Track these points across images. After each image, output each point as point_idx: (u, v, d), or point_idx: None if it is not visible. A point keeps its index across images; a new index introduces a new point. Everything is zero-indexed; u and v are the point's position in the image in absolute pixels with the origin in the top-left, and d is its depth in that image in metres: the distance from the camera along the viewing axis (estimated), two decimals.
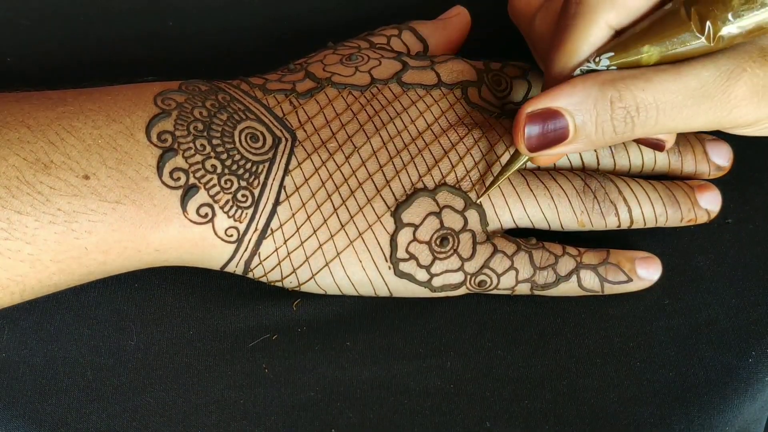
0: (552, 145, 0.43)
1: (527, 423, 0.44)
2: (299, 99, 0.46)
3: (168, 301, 0.47)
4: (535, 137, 0.42)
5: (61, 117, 0.41)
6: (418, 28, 0.51)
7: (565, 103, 0.42)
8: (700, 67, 0.40)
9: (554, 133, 0.42)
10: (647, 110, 0.41)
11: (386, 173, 0.45)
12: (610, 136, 0.42)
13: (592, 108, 0.41)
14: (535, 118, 0.42)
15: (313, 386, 0.45)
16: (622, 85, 0.41)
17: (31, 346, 0.45)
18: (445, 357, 0.46)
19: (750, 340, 0.46)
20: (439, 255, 0.45)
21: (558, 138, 0.42)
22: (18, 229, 0.39)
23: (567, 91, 0.42)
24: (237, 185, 0.43)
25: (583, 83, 0.41)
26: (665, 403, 0.44)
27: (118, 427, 0.44)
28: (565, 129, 0.42)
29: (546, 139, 0.42)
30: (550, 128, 0.42)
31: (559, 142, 0.42)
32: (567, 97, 0.42)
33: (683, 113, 0.41)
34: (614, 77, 0.41)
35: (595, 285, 0.46)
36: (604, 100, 0.41)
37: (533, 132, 0.42)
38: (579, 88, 0.41)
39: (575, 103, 0.41)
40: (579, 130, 0.42)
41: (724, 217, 0.49)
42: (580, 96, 0.41)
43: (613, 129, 0.42)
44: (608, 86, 0.41)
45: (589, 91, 0.41)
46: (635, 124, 0.41)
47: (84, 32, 0.55)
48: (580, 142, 0.42)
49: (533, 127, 0.42)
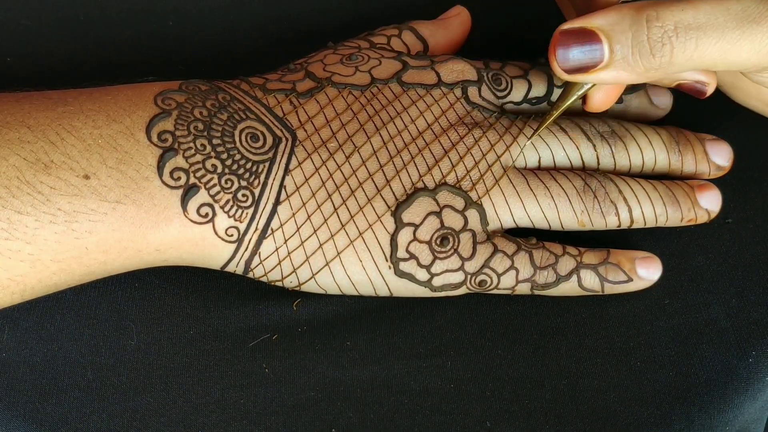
0: (588, 69, 0.42)
1: (527, 423, 0.44)
2: (299, 99, 0.46)
3: (168, 301, 0.47)
4: (570, 58, 0.42)
5: (62, 117, 0.41)
6: (418, 27, 0.51)
7: (599, 23, 0.41)
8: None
9: (590, 55, 0.42)
10: (686, 31, 0.40)
11: (386, 173, 0.45)
12: (647, 60, 0.41)
13: (627, 28, 0.41)
14: (570, 37, 0.42)
15: (314, 386, 0.45)
16: (662, 5, 0.40)
17: (31, 346, 0.45)
18: (445, 357, 0.46)
19: (750, 340, 0.46)
20: (440, 255, 0.45)
21: (594, 61, 0.42)
22: (18, 229, 0.39)
23: (603, 12, 0.41)
24: (237, 185, 0.43)
25: (620, 7, 0.41)
26: (665, 402, 0.44)
27: (118, 427, 0.44)
28: (600, 50, 0.42)
29: (581, 61, 0.42)
30: (585, 49, 0.42)
31: (595, 65, 0.42)
32: (602, 18, 0.41)
33: (725, 37, 0.40)
34: (654, 2, 0.41)
35: (596, 285, 0.46)
36: (641, 19, 0.41)
37: (567, 52, 0.42)
38: (615, 10, 0.41)
39: (610, 23, 0.41)
40: (615, 53, 0.42)
41: (724, 217, 0.49)
42: (615, 17, 0.41)
43: (650, 50, 0.41)
44: (647, 7, 0.41)
45: (626, 12, 0.41)
46: (674, 46, 0.41)
47: (84, 32, 0.55)
48: (617, 67, 0.42)
49: (567, 47, 0.42)
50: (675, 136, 0.49)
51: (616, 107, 0.50)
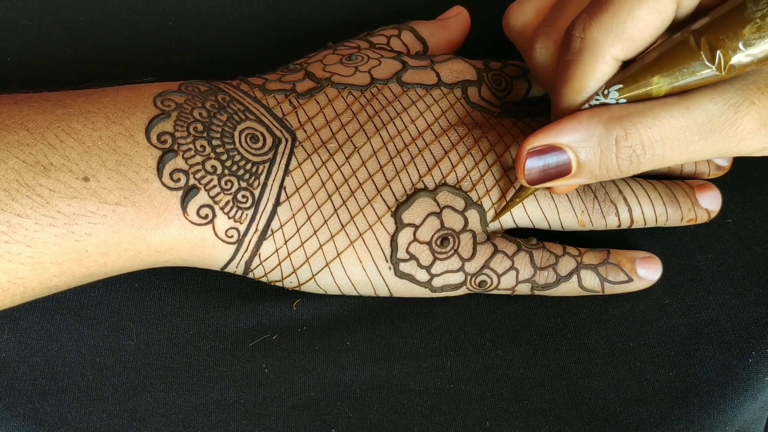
0: (554, 179, 0.42)
1: (527, 423, 0.44)
2: (299, 99, 0.46)
3: (168, 301, 0.47)
4: (537, 172, 0.42)
5: (61, 119, 0.41)
6: (417, 28, 0.51)
7: (568, 140, 0.41)
8: (707, 101, 0.40)
9: (556, 169, 0.42)
10: (654, 148, 0.40)
11: (386, 173, 0.45)
12: (614, 173, 0.42)
13: (596, 146, 0.41)
14: (538, 153, 0.42)
15: (313, 386, 0.45)
16: (629, 122, 0.40)
17: (31, 346, 0.45)
18: (445, 357, 0.46)
19: (750, 340, 0.46)
20: (440, 255, 0.45)
21: (560, 173, 0.42)
22: (18, 232, 0.39)
23: (571, 127, 0.41)
24: (237, 186, 0.43)
25: (588, 120, 0.41)
26: (665, 402, 0.44)
27: (118, 427, 0.44)
28: (568, 165, 0.42)
29: (548, 174, 0.42)
30: (552, 163, 0.42)
31: (562, 176, 0.42)
32: (570, 134, 0.41)
33: (690, 148, 0.40)
34: (621, 113, 0.40)
35: (596, 285, 0.46)
36: (609, 138, 0.41)
37: (535, 166, 0.42)
38: (584, 125, 0.41)
39: (579, 141, 0.41)
40: (582, 167, 0.42)
41: (724, 217, 0.49)
42: (584, 133, 0.41)
43: (617, 167, 0.41)
44: (614, 124, 0.40)
45: (594, 129, 0.41)
46: (641, 162, 0.41)
47: (84, 33, 0.55)
48: (583, 177, 0.42)
49: (535, 161, 0.42)
50: None
51: None
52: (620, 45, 0.40)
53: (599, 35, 0.40)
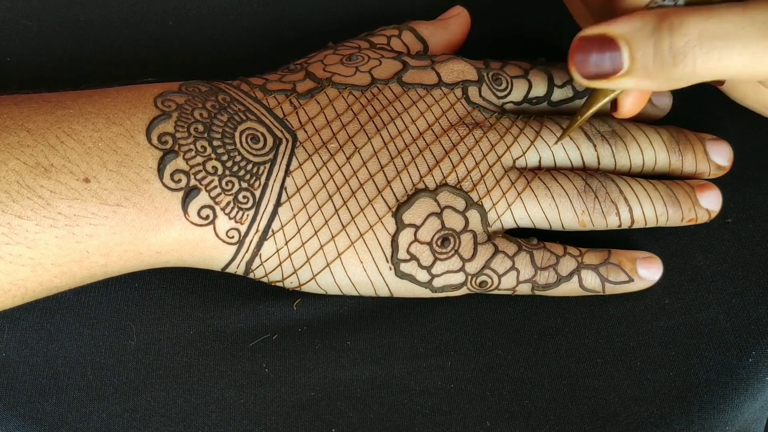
0: (608, 76, 0.41)
1: (527, 423, 0.44)
2: (300, 99, 0.46)
3: (168, 301, 0.47)
4: (590, 63, 0.41)
5: (61, 120, 0.41)
6: (417, 28, 0.51)
7: (620, 30, 0.40)
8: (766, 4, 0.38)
9: (610, 62, 0.41)
10: (711, 41, 0.39)
11: (387, 173, 0.45)
12: (669, 70, 0.40)
13: (649, 36, 0.40)
14: (589, 43, 0.41)
15: (314, 386, 0.45)
16: (686, 14, 0.39)
17: (31, 346, 0.45)
18: (445, 357, 0.46)
19: (750, 340, 0.46)
20: (440, 256, 0.45)
21: (614, 68, 0.41)
22: (19, 234, 0.39)
23: (624, 19, 0.40)
24: (238, 186, 0.43)
25: (644, 14, 0.40)
26: (665, 402, 0.44)
27: (118, 426, 0.44)
28: (620, 58, 0.40)
29: (601, 68, 0.41)
30: (605, 56, 0.40)
31: (615, 72, 0.41)
32: (623, 25, 0.40)
33: (749, 48, 0.38)
34: (677, 10, 0.39)
35: (596, 285, 0.46)
36: (663, 27, 0.39)
37: (587, 58, 0.41)
38: (638, 17, 0.40)
39: (632, 31, 0.40)
40: (636, 61, 0.40)
41: (724, 217, 0.49)
42: (637, 24, 0.40)
43: (672, 60, 0.39)
44: (670, 15, 0.39)
45: (648, 19, 0.40)
46: (697, 56, 0.39)
47: (84, 32, 0.55)
48: (638, 75, 0.41)
49: (586, 54, 0.41)
50: (675, 135, 0.49)
51: None
52: None
53: None
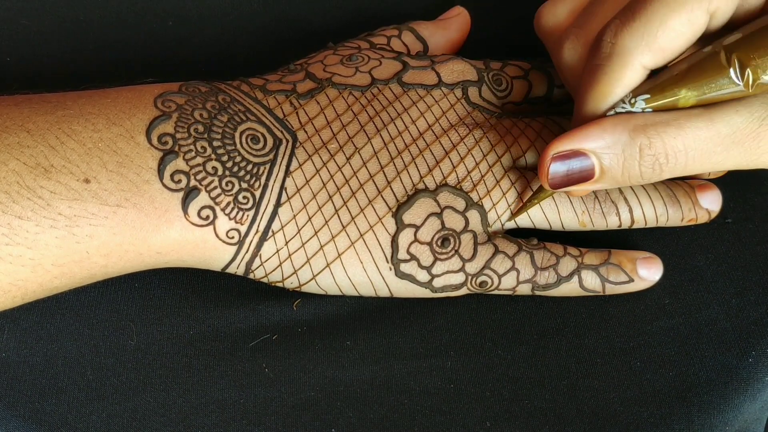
0: (576, 183, 0.43)
1: (527, 423, 0.44)
2: (300, 100, 0.46)
3: (168, 301, 0.47)
4: (560, 176, 0.42)
5: (61, 120, 0.41)
6: (418, 28, 0.51)
7: (593, 146, 0.42)
8: (732, 113, 0.40)
9: (579, 174, 0.42)
10: (677, 157, 0.41)
11: (387, 174, 0.45)
12: (636, 180, 0.42)
13: (620, 153, 0.41)
14: (561, 158, 0.42)
15: (314, 386, 0.45)
16: (653, 132, 0.41)
17: (31, 346, 0.45)
18: (445, 357, 0.46)
19: (750, 340, 0.46)
20: (440, 256, 0.45)
21: (583, 177, 0.42)
22: (19, 234, 0.39)
23: (596, 133, 0.41)
24: (238, 187, 0.43)
25: (614, 127, 0.41)
26: (665, 402, 0.44)
27: (118, 426, 0.44)
28: (591, 170, 0.42)
29: (570, 179, 0.42)
30: (575, 168, 0.42)
31: (584, 181, 0.42)
32: (596, 140, 0.41)
33: (712, 159, 0.41)
34: (646, 122, 0.41)
35: (597, 285, 0.46)
36: (633, 146, 0.41)
37: (558, 171, 0.42)
38: (609, 132, 0.41)
39: (603, 147, 0.41)
40: (605, 173, 0.42)
41: (724, 217, 0.49)
42: (609, 140, 0.41)
43: (639, 174, 0.42)
44: (639, 133, 0.41)
45: (619, 136, 0.41)
46: (663, 170, 0.41)
47: (84, 33, 0.55)
48: (605, 183, 0.43)
49: (559, 166, 0.42)
50: None
51: None
52: (650, 54, 0.40)
53: (630, 42, 0.40)
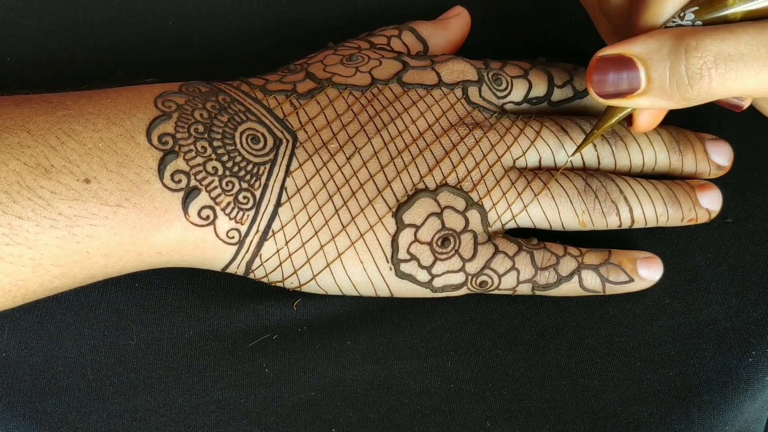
0: (625, 95, 0.42)
1: (527, 422, 0.44)
2: (300, 100, 0.46)
3: (168, 301, 0.47)
4: (607, 83, 0.42)
5: (61, 121, 0.41)
6: (418, 28, 0.51)
7: (638, 51, 0.41)
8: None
9: (627, 82, 0.41)
10: (726, 62, 0.40)
11: (387, 174, 0.45)
12: (685, 90, 0.41)
13: (665, 57, 0.40)
14: (606, 63, 0.42)
15: (314, 386, 0.45)
16: (702, 34, 0.40)
17: (31, 346, 0.45)
18: (445, 357, 0.46)
19: (750, 340, 0.46)
20: (441, 256, 0.45)
21: (630, 88, 0.42)
22: (19, 234, 0.39)
23: (642, 39, 0.41)
24: (238, 187, 0.43)
25: (661, 34, 0.41)
26: (665, 402, 0.44)
27: (118, 426, 0.44)
28: (637, 78, 0.41)
29: (618, 87, 0.42)
30: (621, 75, 0.41)
31: (632, 92, 0.42)
32: (640, 45, 0.41)
33: (761, 73, 0.40)
34: (695, 30, 0.40)
35: (597, 285, 0.46)
36: (680, 48, 0.40)
37: (604, 77, 0.42)
38: (655, 37, 0.41)
39: (648, 51, 0.41)
40: (652, 81, 0.41)
41: (724, 217, 0.49)
42: (654, 44, 0.41)
43: (687, 81, 0.40)
44: (687, 36, 0.40)
45: (665, 40, 0.40)
46: (713, 77, 0.40)
47: (84, 33, 0.55)
48: (654, 95, 0.42)
49: (604, 73, 0.42)
50: (675, 135, 0.49)
51: None
52: None
53: None
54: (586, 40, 0.51)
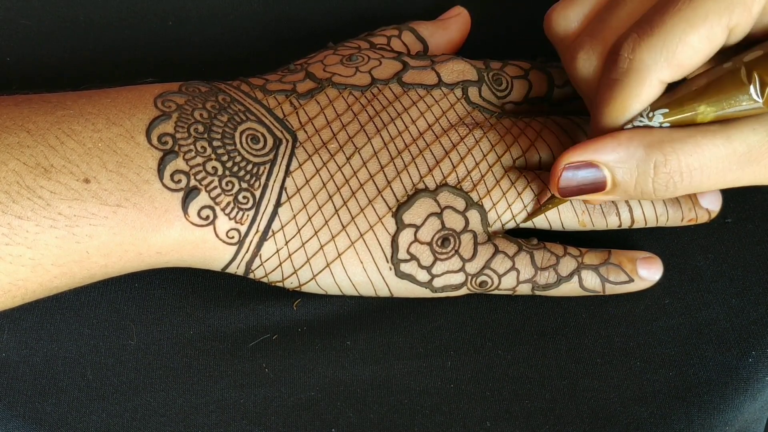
0: (587, 194, 0.43)
1: (527, 423, 0.44)
2: (300, 100, 0.46)
3: (168, 301, 0.47)
4: (572, 186, 0.43)
5: (61, 120, 0.41)
6: (418, 28, 0.51)
7: (606, 159, 0.41)
8: (749, 131, 0.40)
9: (592, 185, 0.42)
10: (692, 175, 0.40)
11: (387, 174, 0.45)
12: (648, 196, 0.42)
13: (634, 168, 0.41)
14: (574, 168, 0.42)
15: (314, 386, 0.45)
16: (670, 149, 0.40)
17: (31, 346, 0.45)
18: (445, 357, 0.46)
19: (750, 340, 0.46)
20: (441, 256, 0.45)
21: (595, 189, 0.42)
22: (19, 234, 0.39)
23: (611, 146, 0.41)
24: (238, 187, 0.43)
25: (629, 141, 0.41)
26: (665, 402, 0.44)
27: (118, 426, 0.44)
28: (603, 182, 0.42)
29: (582, 189, 0.42)
30: (588, 179, 0.42)
31: (595, 192, 0.43)
32: (609, 153, 0.41)
33: (727, 177, 0.41)
34: (662, 139, 0.41)
35: (597, 285, 0.46)
36: (648, 163, 0.41)
37: (570, 181, 0.42)
38: (624, 146, 0.41)
39: (617, 161, 0.41)
40: (617, 186, 0.42)
41: (724, 217, 0.49)
42: (623, 154, 0.41)
43: (652, 190, 0.41)
44: (655, 149, 0.41)
45: (634, 151, 0.41)
46: (677, 188, 0.41)
47: (84, 33, 0.55)
48: (617, 195, 0.43)
49: (571, 175, 0.42)
50: None
51: None
52: (668, 69, 0.40)
53: (648, 58, 0.40)
54: None
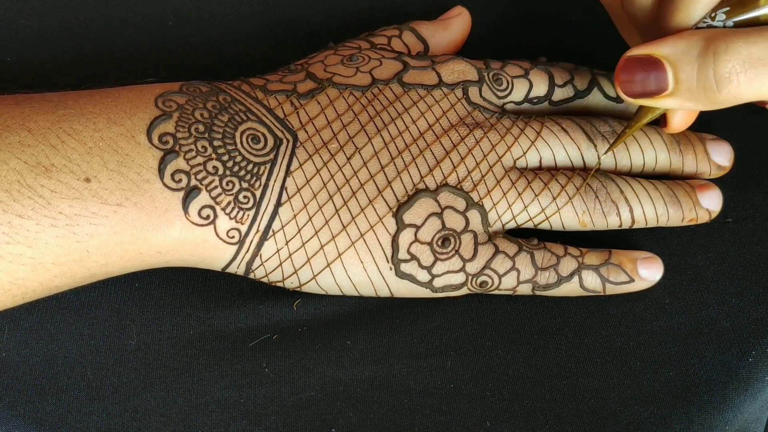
0: (652, 95, 0.42)
1: (527, 422, 0.44)
2: (300, 100, 0.46)
3: (168, 301, 0.47)
4: (634, 83, 0.42)
5: (62, 120, 0.41)
6: (418, 28, 0.51)
7: (666, 52, 0.41)
8: None
9: (655, 82, 0.41)
10: (755, 66, 0.39)
11: (387, 174, 0.45)
12: (713, 93, 0.41)
13: (694, 59, 0.40)
14: (635, 63, 0.42)
15: (314, 386, 0.45)
16: (733, 37, 0.39)
17: (31, 346, 0.45)
18: (445, 357, 0.46)
19: (750, 340, 0.46)
20: (441, 256, 0.45)
21: (658, 88, 0.42)
22: (19, 233, 0.39)
23: (671, 40, 0.41)
24: (238, 187, 0.43)
25: (690, 35, 0.41)
26: (665, 402, 0.44)
27: (118, 426, 0.44)
28: (665, 78, 0.41)
29: (645, 88, 0.42)
30: (650, 76, 0.41)
31: (659, 93, 0.42)
32: (669, 47, 0.41)
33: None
34: (725, 33, 0.40)
35: (597, 285, 0.46)
36: (709, 51, 0.40)
37: (632, 77, 0.42)
38: (685, 39, 0.41)
39: (677, 53, 0.41)
40: (680, 82, 0.41)
41: (724, 217, 0.49)
42: (683, 46, 0.40)
43: (715, 84, 0.40)
44: (716, 38, 0.40)
45: (694, 41, 0.40)
46: (741, 82, 0.40)
47: (84, 33, 0.55)
48: (682, 97, 0.41)
49: (632, 72, 0.42)
50: (676, 135, 0.49)
51: (617, 107, 0.50)
52: None
53: None
54: (586, 40, 0.52)
